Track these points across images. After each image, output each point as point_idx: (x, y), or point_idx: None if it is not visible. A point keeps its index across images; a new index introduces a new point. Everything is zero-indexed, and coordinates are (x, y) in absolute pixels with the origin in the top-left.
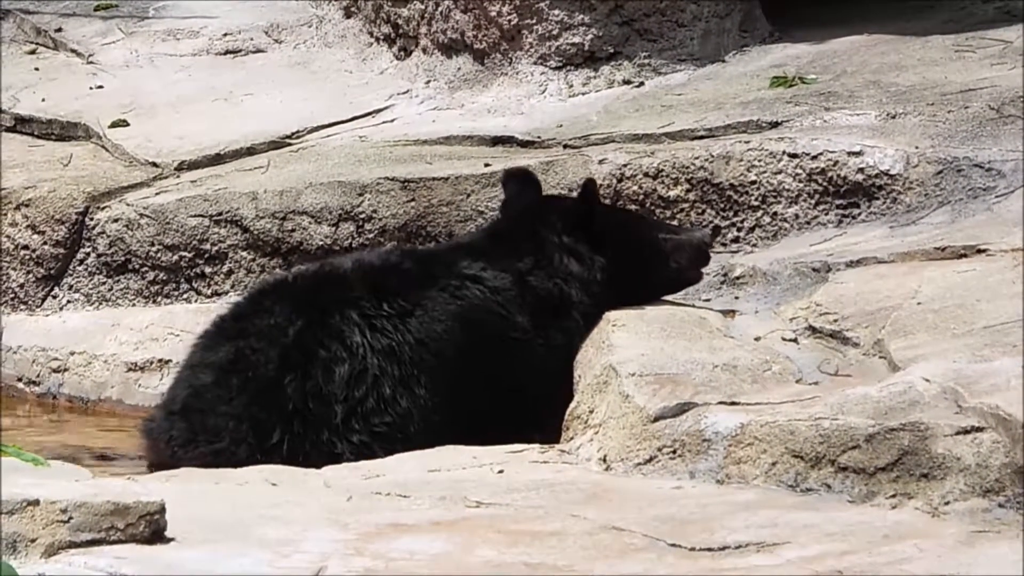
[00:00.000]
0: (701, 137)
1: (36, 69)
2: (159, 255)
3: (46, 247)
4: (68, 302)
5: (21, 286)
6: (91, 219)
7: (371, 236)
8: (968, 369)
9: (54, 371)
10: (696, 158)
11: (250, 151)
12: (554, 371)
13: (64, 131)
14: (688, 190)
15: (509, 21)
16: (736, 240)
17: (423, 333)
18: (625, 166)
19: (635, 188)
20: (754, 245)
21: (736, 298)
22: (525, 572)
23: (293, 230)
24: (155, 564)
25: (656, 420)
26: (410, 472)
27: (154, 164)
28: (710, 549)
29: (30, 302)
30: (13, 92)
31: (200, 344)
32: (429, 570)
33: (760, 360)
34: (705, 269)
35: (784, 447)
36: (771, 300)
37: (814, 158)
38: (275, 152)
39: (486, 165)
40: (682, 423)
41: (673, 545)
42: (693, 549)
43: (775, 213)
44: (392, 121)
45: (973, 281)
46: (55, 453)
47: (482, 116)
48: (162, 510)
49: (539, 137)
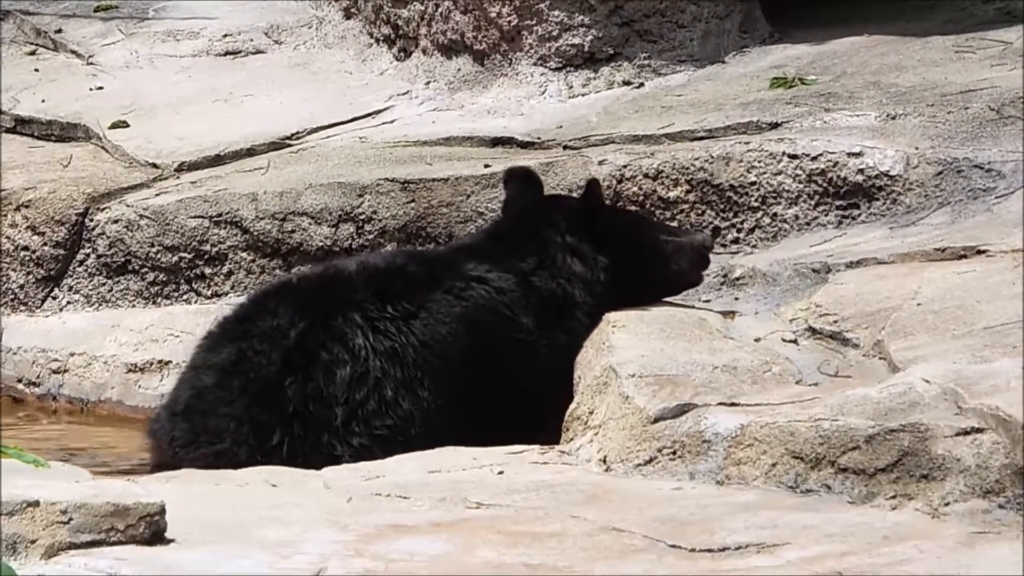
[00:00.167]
0: (701, 138)
1: (36, 70)
2: (159, 256)
3: (46, 248)
4: (68, 303)
5: (21, 287)
6: (91, 220)
7: (371, 237)
8: (968, 370)
9: (54, 372)
10: (696, 159)
11: (250, 152)
12: (558, 372)
13: (64, 132)
14: (688, 191)
15: (509, 22)
16: (736, 241)
17: (427, 335)
18: (625, 167)
19: (635, 189)
20: (754, 246)
21: (736, 299)
22: (525, 573)
23: (293, 231)
24: (155, 565)
25: (656, 421)
26: (410, 473)
27: (154, 165)
28: (710, 550)
29: (30, 303)
30: (13, 93)
31: (203, 345)
32: (429, 571)
33: (760, 361)
34: (705, 271)
35: (784, 448)
36: (771, 301)
37: (814, 159)
38: (275, 153)
39: (486, 166)
40: (682, 424)
41: (673, 546)
42: (693, 550)
43: (775, 214)
44: (392, 122)
45: (973, 282)
46: (55, 454)
47: (482, 117)
48: (162, 511)
49: (539, 138)
